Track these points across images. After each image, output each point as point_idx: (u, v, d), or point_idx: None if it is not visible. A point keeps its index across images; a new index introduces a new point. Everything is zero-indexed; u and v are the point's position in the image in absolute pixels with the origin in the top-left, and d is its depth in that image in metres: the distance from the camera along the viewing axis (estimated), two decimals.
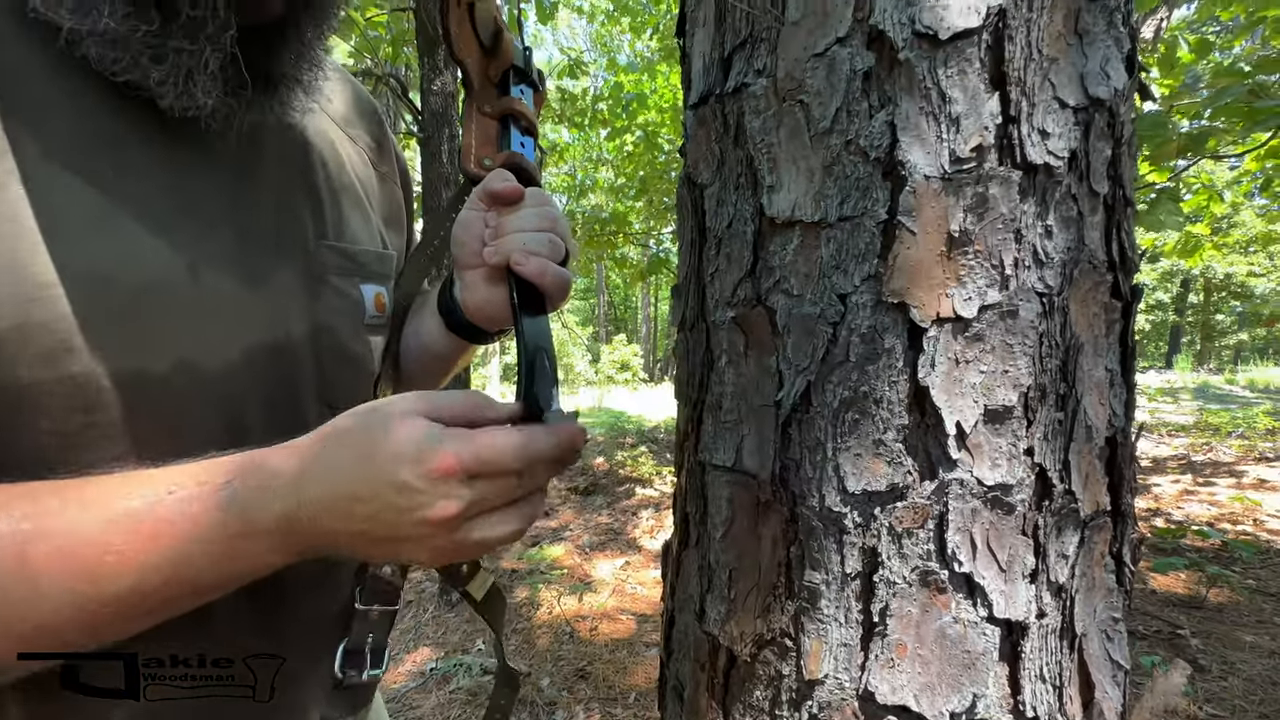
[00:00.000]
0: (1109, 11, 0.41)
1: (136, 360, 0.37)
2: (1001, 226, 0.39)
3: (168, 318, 0.38)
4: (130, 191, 0.37)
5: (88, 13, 0.34)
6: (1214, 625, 2.34)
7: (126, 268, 0.36)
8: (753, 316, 0.45)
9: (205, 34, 0.36)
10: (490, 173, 0.52)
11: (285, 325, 0.45)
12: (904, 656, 0.40)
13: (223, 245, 0.42)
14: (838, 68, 0.41)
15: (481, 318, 0.56)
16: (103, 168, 0.36)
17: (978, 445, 0.39)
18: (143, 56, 0.36)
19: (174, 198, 0.39)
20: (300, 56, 0.43)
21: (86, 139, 0.36)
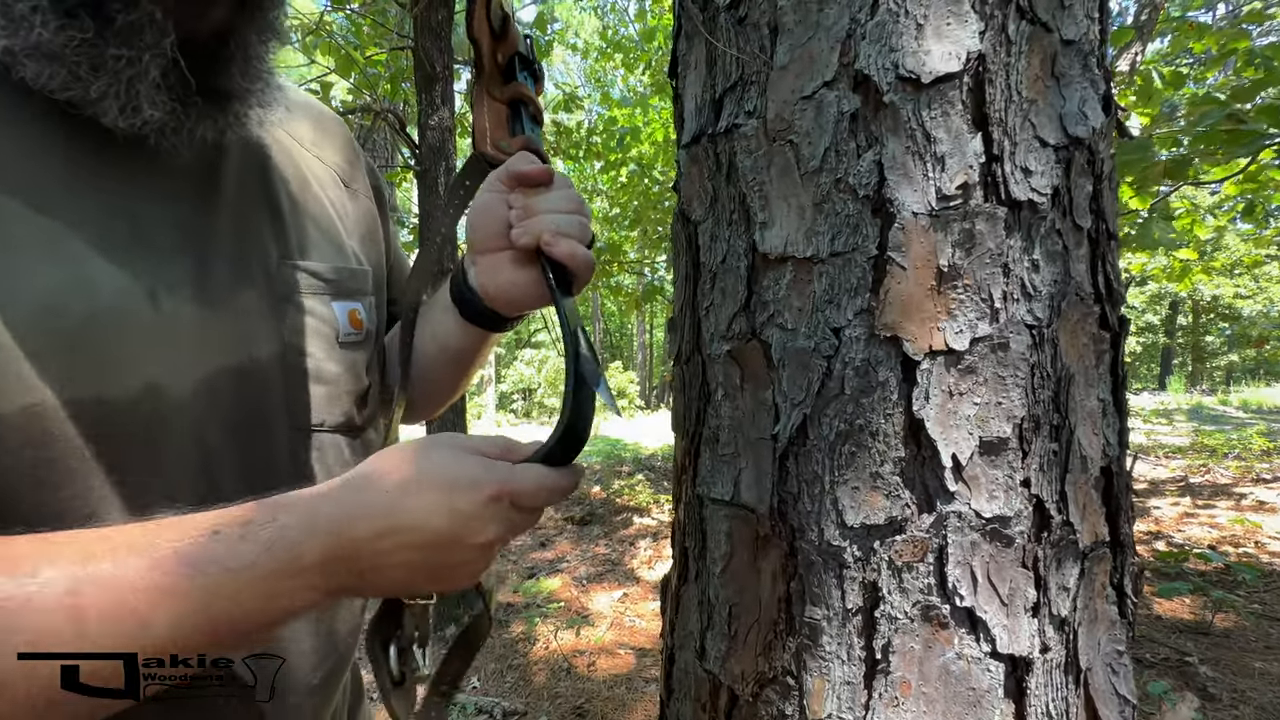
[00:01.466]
0: (1084, 55, 0.43)
1: (94, 388, 0.36)
2: (989, 261, 0.40)
3: (127, 344, 0.37)
4: (83, 217, 0.36)
5: (19, 28, 0.33)
6: (1222, 651, 2.31)
7: (80, 294, 0.35)
8: (748, 350, 0.46)
9: (143, 40, 0.35)
10: (512, 155, 0.53)
11: (249, 348, 0.45)
12: (908, 694, 0.39)
13: (182, 271, 0.41)
14: (825, 109, 0.43)
15: (503, 302, 0.55)
16: (52, 193, 0.35)
17: (974, 477, 0.39)
18: (80, 68, 0.35)
19: (130, 223, 0.39)
20: (248, 68, 0.42)
21: (34, 165, 0.35)
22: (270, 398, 0.46)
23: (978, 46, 0.40)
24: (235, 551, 0.32)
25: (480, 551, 0.37)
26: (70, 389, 0.35)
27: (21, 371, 0.33)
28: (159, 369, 0.39)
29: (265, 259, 0.47)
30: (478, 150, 0.54)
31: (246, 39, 0.41)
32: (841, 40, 0.42)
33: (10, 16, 0.33)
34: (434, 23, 3.28)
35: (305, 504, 0.35)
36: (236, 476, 0.42)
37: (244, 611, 0.33)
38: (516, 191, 0.52)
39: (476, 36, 0.55)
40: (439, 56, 3.31)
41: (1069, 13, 0.43)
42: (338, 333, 0.51)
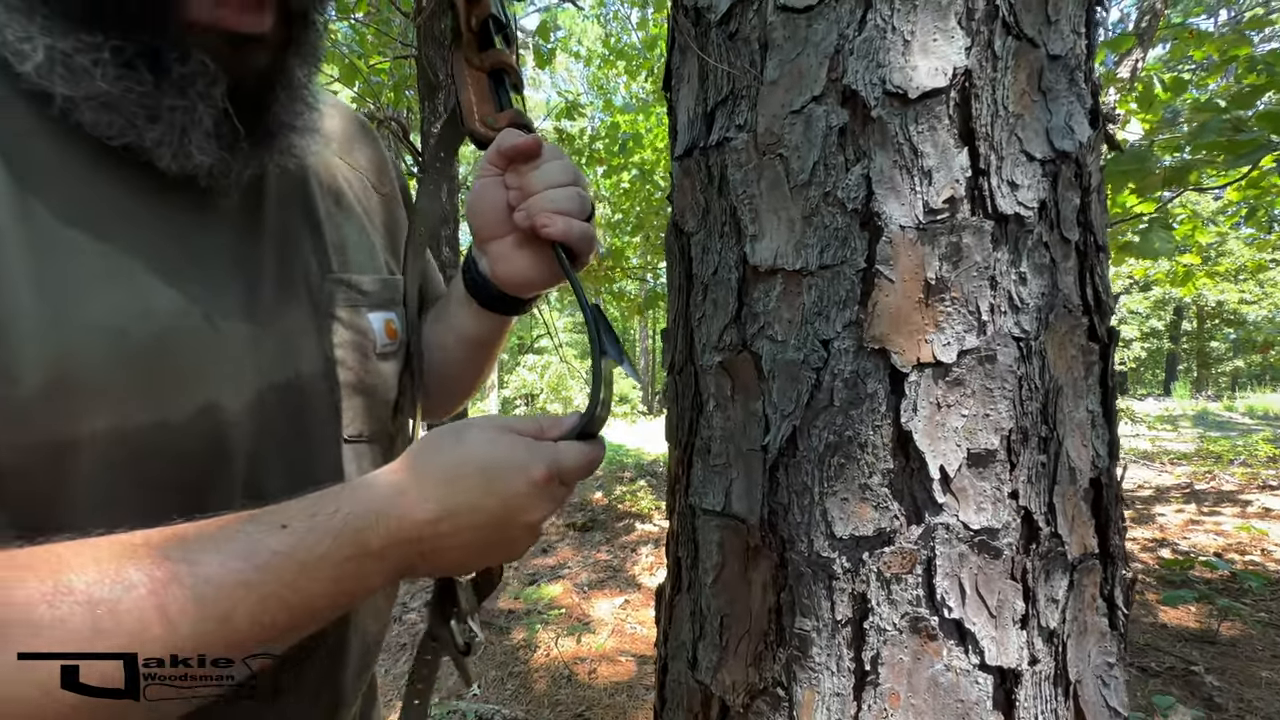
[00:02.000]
0: (1070, 70, 0.43)
1: (158, 410, 0.37)
2: (976, 274, 0.40)
3: (187, 365, 0.38)
4: (141, 245, 0.37)
5: (80, 78, 0.34)
6: (1228, 661, 2.29)
7: (143, 318, 0.36)
8: (739, 361, 0.46)
9: (196, 90, 0.37)
10: (499, 133, 0.52)
11: (296, 364, 0.46)
12: (897, 706, 0.39)
13: (233, 294, 0.42)
14: (814, 124, 0.43)
15: (516, 285, 0.55)
16: (112, 224, 0.37)
17: (962, 489, 0.40)
18: (137, 118, 0.36)
19: (183, 250, 0.40)
20: (293, 101, 0.44)
21: (93, 200, 0.36)
22: (315, 412, 0.47)
23: (964, 62, 0.41)
24: (305, 543, 0.34)
25: (530, 529, 0.40)
26: (135, 411, 0.36)
27: (93, 395, 0.34)
28: (216, 389, 0.40)
29: (308, 274, 0.48)
30: (466, 127, 0.54)
31: (291, 74, 0.42)
32: (830, 56, 0.43)
33: (71, 68, 0.34)
34: (436, 32, 3.31)
35: (366, 494, 0.37)
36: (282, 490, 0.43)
37: (315, 597, 0.34)
38: (510, 170, 0.52)
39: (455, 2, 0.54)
40: (441, 65, 3.34)
41: (1055, 28, 0.43)
42: (375, 344, 0.52)
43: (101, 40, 0.34)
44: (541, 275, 0.54)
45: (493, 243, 0.54)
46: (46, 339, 0.33)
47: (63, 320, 0.33)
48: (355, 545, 0.34)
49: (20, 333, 0.32)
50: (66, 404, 0.34)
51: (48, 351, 0.33)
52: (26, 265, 0.33)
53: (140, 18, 0.34)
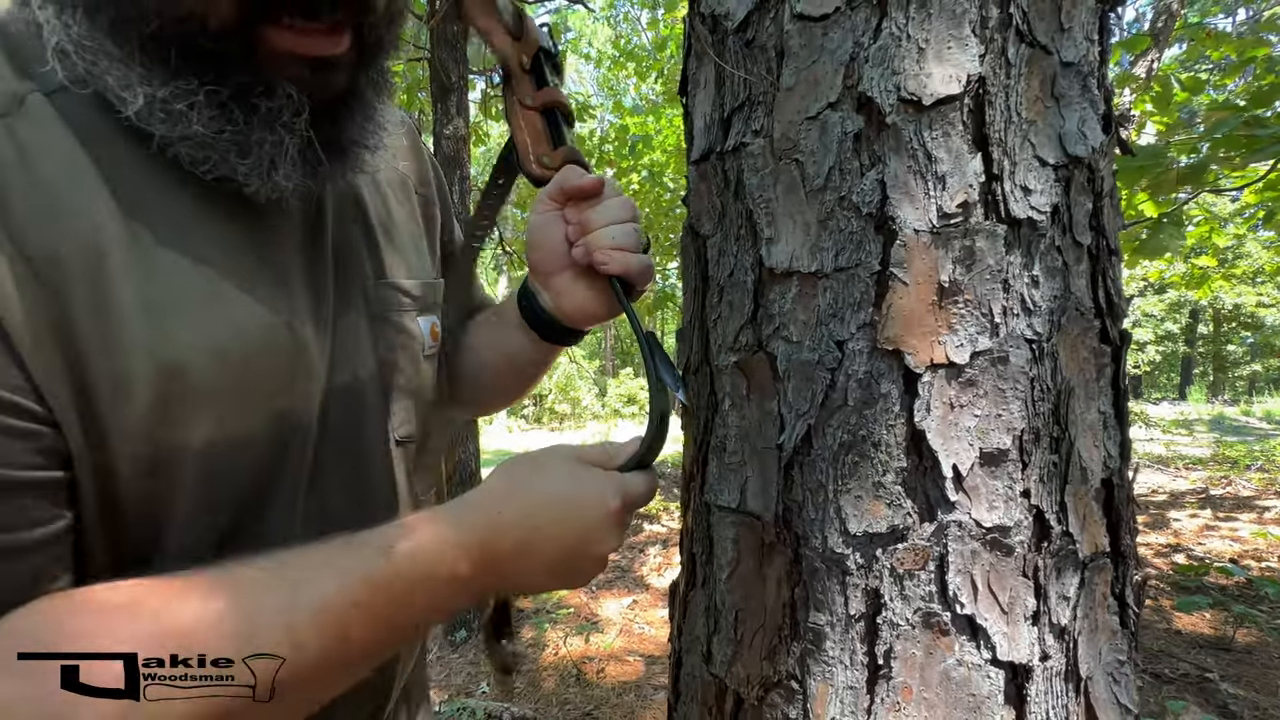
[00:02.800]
0: (1083, 76, 0.44)
1: (247, 421, 0.39)
2: (989, 277, 0.41)
3: (274, 379, 0.40)
4: (232, 267, 0.39)
5: (178, 121, 0.36)
6: (1243, 668, 2.26)
7: (240, 336, 0.38)
8: (754, 362, 0.47)
9: (282, 122, 0.38)
10: (554, 169, 0.54)
11: (354, 368, 0.47)
12: (910, 700, 0.40)
13: (304, 301, 0.44)
14: (830, 130, 0.44)
15: (582, 318, 0.57)
16: (204, 247, 0.38)
17: (975, 487, 0.40)
18: (230, 154, 0.38)
19: (264, 266, 0.42)
20: (367, 122, 0.45)
21: (186, 224, 0.38)
22: (369, 414, 0.49)
23: (978, 69, 0.41)
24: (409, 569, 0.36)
25: (600, 560, 0.42)
26: (229, 423, 0.38)
27: (196, 410, 0.37)
28: (292, 398, 0.42)
29: (364, 279, 0.50)
30: (523, 170, 0.56)
31: (364, 94, 0.43)
32: (845, 63, 0.44)
33: (169, 112, 0.36)
34: (449, 35, 3.34)
35: (460, 527, 0.39)
36: (340, 491, 0.46)
37: (417, 615, 0.37)
38: (569, 206, 0.54)
39: (500, 48, 0.55)
40: (454, 67, 3.37)
41: (1068, 35, 0.44)
42: (423, 347, 0.54)
43: (196, 85, 0.36)
44: (601, 308, 0.56)
45: (554, 277, 0.56)
46: (154, 356, 0.35)
47: (168, 339, 0.35)
48: (450, 574, 0.37)
49: (131, 350, 0.34)
50: (172, 418, 0.35)
51: (155, 368, 0.35)
52: (135, 287, 0.35)
53: (229, 61, 0.36)
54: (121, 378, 0.34)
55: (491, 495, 0.40)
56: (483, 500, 0.40)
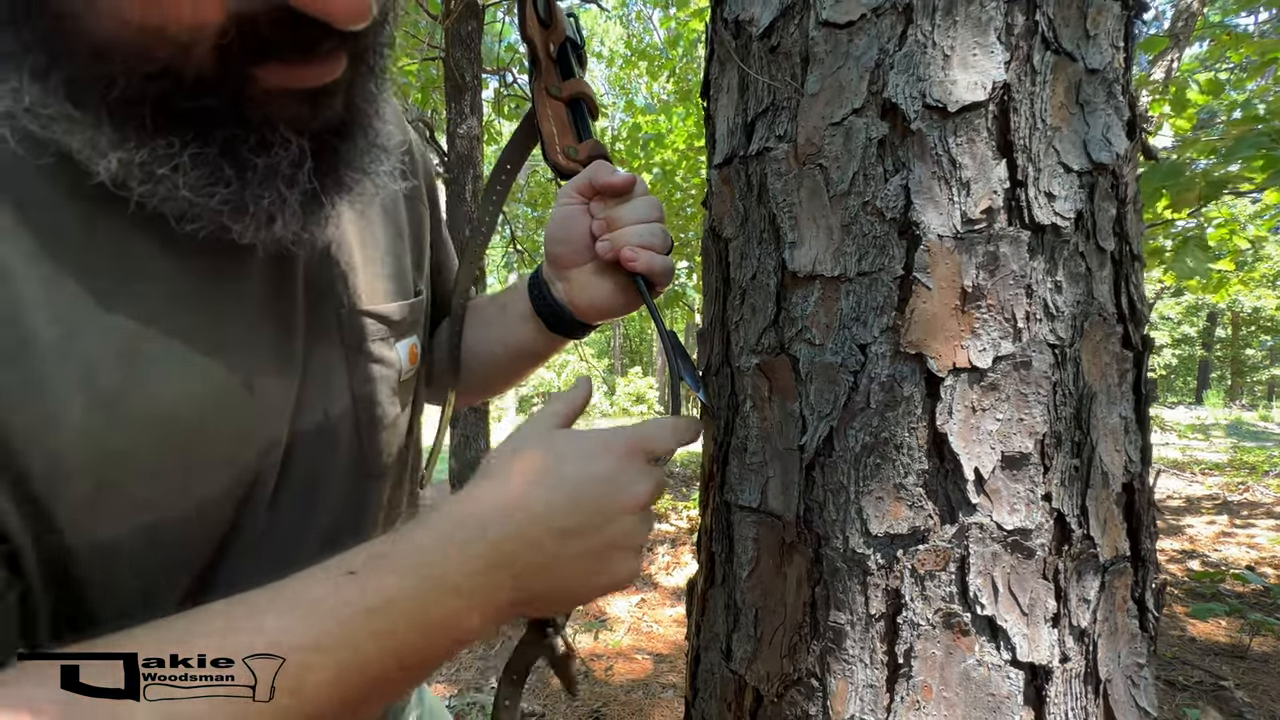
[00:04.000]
0: (1108, 83, 0.44)
1: (204, 490, 0.36)
2: (1013, 282, 0.41)
3: (230, 443, 0.37)
4: (182, 321, 0.35)
5: (161, 183, 0.32)
6: (1259, 677, 2.23)
7: (189, 402, 0.35)
8: (777, 364, 0.48)
9: (282, 175, 0.34)
10: (580, 161, 0.53)
11: (324, 405, 0.45)
12: (929, 699, 0.41)
13: (267, 345, 0.40)
14: (854, 135, 0.45)
15: (594, 312, 0.57)
16: (153, 303, 0.34)
17: (996, 490, 0.41)
18: (222, 215, 0.33)
19: (222, 310, 0.37)
20: (368, 144, 0.40)
21: (132, 274, 0.34)
22: (339, 450, 0.46)
23: (1003, 76, 0.42)
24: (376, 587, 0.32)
25: (636, 514, 0.38)
26: (187, 497, 0.35)
27: (142, 488, 0.34)
28: (252, 455, 0.39)
29: (338, 308, 0.46)
30: (549, 160, 0.55)
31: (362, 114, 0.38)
32: (870, 70, 0.44)
33: (149, 174, 0.31)
34: (464, 34, 3.36)
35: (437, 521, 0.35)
36: (303, 529, 0.43)
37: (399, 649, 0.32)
38: (596, 201, 0.54)
39: (530, 36, 0.55)
40: (468, 66, 3.39)
41: (1093, 42, 0.44)
42: (400, 373, 0.51)
43: (178, 145, 0.31)
44: (618, 303, 0.56)
45: (572, 269, 0.56)
46: (98, 443, 0.31)
47: (111, 418, 0.32)
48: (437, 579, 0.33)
49: (71, 439, 0.31)
50: (119, 496, 0.33)
51: (97, 452, 0.31)
52: (71, 369, 0.31)
53: (213, 115, 0.31)
54: (60, 462, 0.30)
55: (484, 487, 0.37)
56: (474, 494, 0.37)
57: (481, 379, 0.67)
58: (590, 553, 0.37)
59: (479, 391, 0.70)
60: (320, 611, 0.31)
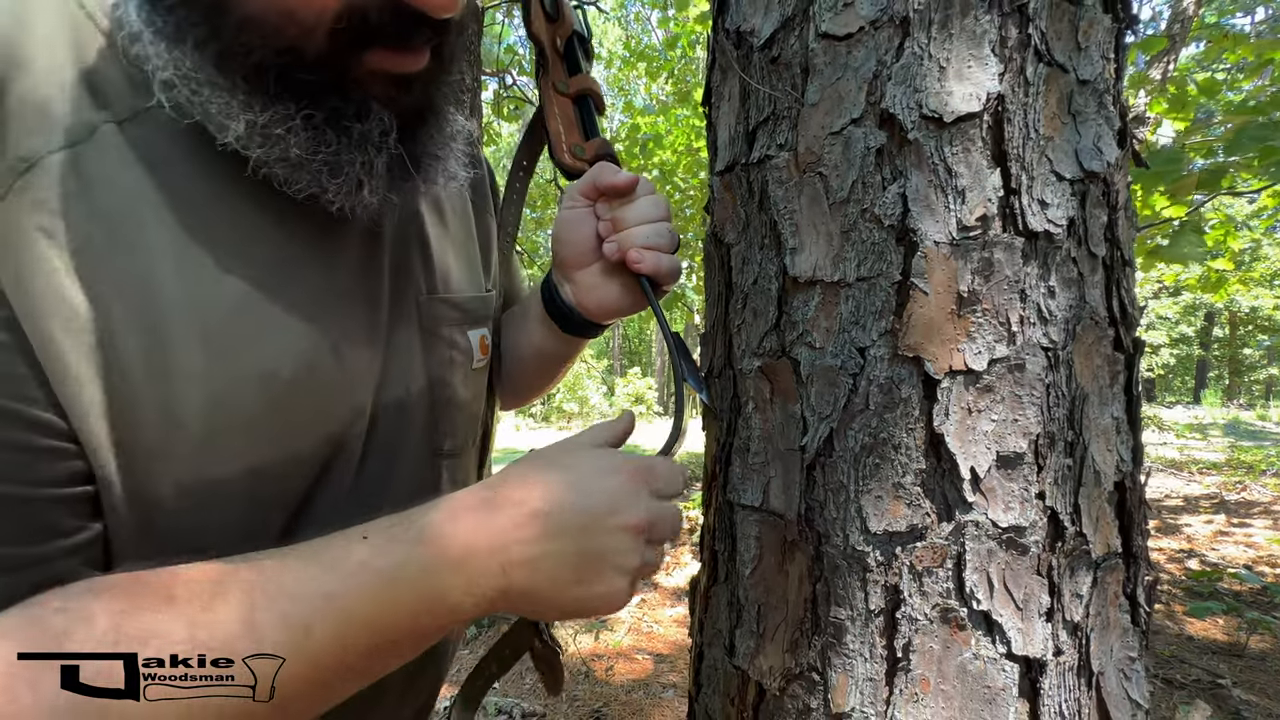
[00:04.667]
0: (1099, 94, 0.46)
1: (294, 444, 0.39)
2: (1007, 287, 0.43)
3: (319, 401, 0.40)
4: (285, 287, 0.39)
5: (276, 144, 0.36)
6: (1256, 675, 2.25)
7: (289, 360, 0.38)
8: (778, 366, 0.49)
9: (373, 142, 0.38)
10: (586, 160, 0.54)
11: (405, 382, 0.47)
12: (927, 691, 0.42)
13: (357, 318, 0.44)
14: (853, 145, 0.46)
15: (603, 313, 0.58)
16: (266, 272, 0.39)
17: (991, 489, 0.42)
18: (322, 174, 0.38)
19: (320, 281, 0.42)
20: (442, 134, 0.45)
21: (250, 248, 0.38)
22: (416, 427, 0.49)
23: (997, 88, 0.43)
24: (384, 550, 0.34)
25: (627, 537, 0.39)
26: (276, 447, 0.38)
27: (245, 437, 0.37)
28: (338, 419, 0.42)
29: (417, 294, 0.50)
30: (554, 159, 0.56)
31: (440, 108, 0.43)
32: (869, 80, 0.45)
33: (267, 136, 0.36)
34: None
35: (448, 500, 0.38)
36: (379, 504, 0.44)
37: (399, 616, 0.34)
38: (602, 202, 0.55)
39: (536, 32, 0.55)
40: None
41: (1085, 54, 0.45)
42: (471, 360, 0.54)
43: (293, 110, 0.36)
44: (626, 303, 0.57)
45: (579, 271, 0.57)
46: (207, 387, 0.35)
47: (222, 370, 0.36)
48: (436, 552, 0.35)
49: (184, 381, 0.34)
50: (223, 447, 0.36)
51: (208, 399, 0.35)
52: (188, 319, 0.35)
53: (324, 87, 0.37)
54: (173, 408, 0.34)
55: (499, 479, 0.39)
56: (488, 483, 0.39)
57: (516, 382, 0.69)
58: (576, 557, 0.38)
59: (515, 394, 0.72)
60: (336, 568, 0.33)
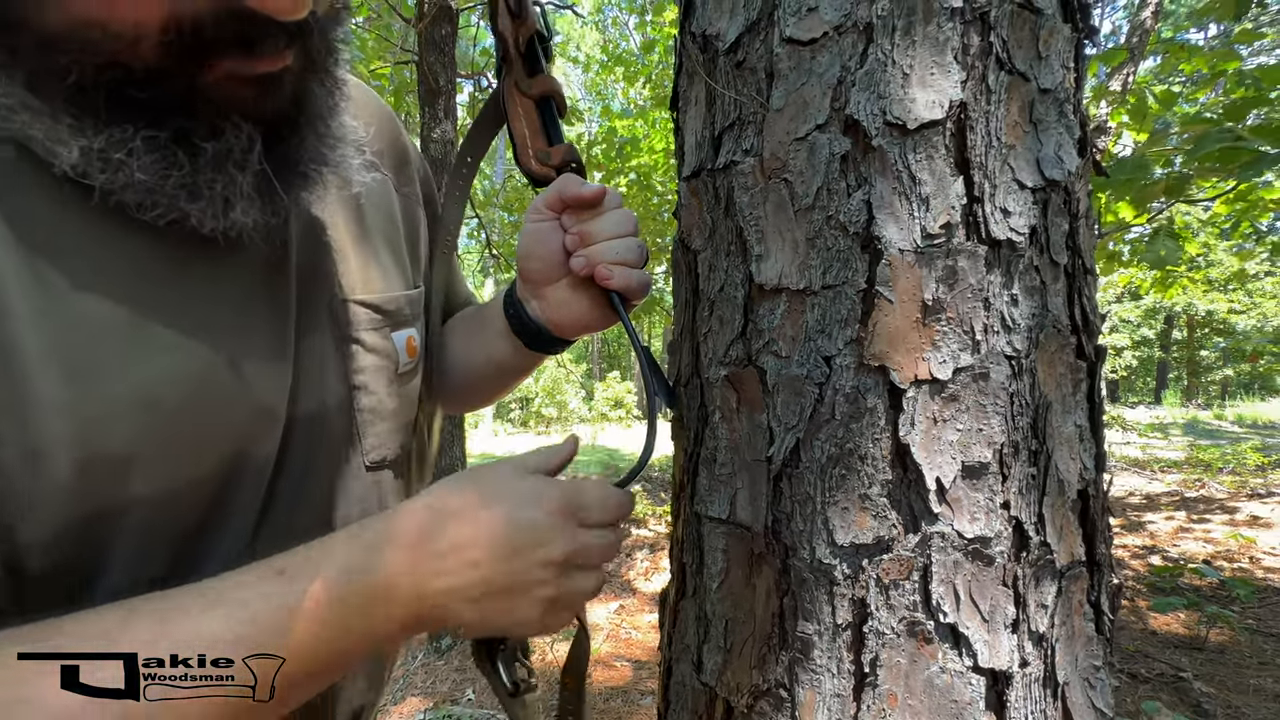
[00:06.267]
0: (1059, 103, 0.46)
1: (193, 469, 0.37)
2: (971, 295, 0.43)
3: (216, 423, 0.38)
4: (166, 305, 0.37)
5: (118, 169, 0.33)
6: (1216, 667, 2.32)
7: (173, 383, 0.36)
8: (744, 376, 0.48)
9: (233, 160, 0.35)
10: (553, 166, 0.52)
11: (320, 394, 0.45)
12: (895, 707, 0.41)
13: (257, 329, 0.41)
14: (818, 151, 0.45)
15: (572, 329, 0.57)
16: (136, 290, 0.36)
17: (957, 500, 0.42)
18: (179, 199, 0.35)
19: (209, 296, 0.39)
20: (324, 135, 0.41)
21: (114, 266, 0.35)
22: (338, 439, 0.47)
23: (959, 95, 0.43)
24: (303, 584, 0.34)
25: (548, 571, 0.38)
26: (169, 473, 0.36)
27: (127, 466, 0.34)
28: (241, 436, 0.40)
29: (330, 299, 0.47)
30: (520, 165, 0.55)
31: (315, 100, 0.40)
32: (833, 86, 0.45)
33: (106, 160, 0.33)
34: (437, 38, 3.33)
35: (371, 527, 0.37)
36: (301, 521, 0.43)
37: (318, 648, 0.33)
38: (568, 214, 0.53)
39: (501, 29, 0.53)
40: (442, 71, 3.36)
41: (1045, 63, 0.45)
42: (397, 365, 0.51)
43: (131, 132, 0.33)
44: (594, 319, 0.55)
45: (547, 287, 0.55)
46: (75, 417, 0.32)
47: (90, 396, 0.33)
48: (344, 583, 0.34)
49: (45, 414, 0.31)
50: (99, 479, 0.33)
51: (76, 429, 0.32)
52: (46, 345, 0.32)
53: (164, 104, 0.33)
54: (35, 446, 0.31)
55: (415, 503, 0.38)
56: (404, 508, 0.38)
57: (466, 390, 0.66)
58: (497, 589, 0.38)
59: (464, 402, 0.70)
60: (247, 610, 0.32)
